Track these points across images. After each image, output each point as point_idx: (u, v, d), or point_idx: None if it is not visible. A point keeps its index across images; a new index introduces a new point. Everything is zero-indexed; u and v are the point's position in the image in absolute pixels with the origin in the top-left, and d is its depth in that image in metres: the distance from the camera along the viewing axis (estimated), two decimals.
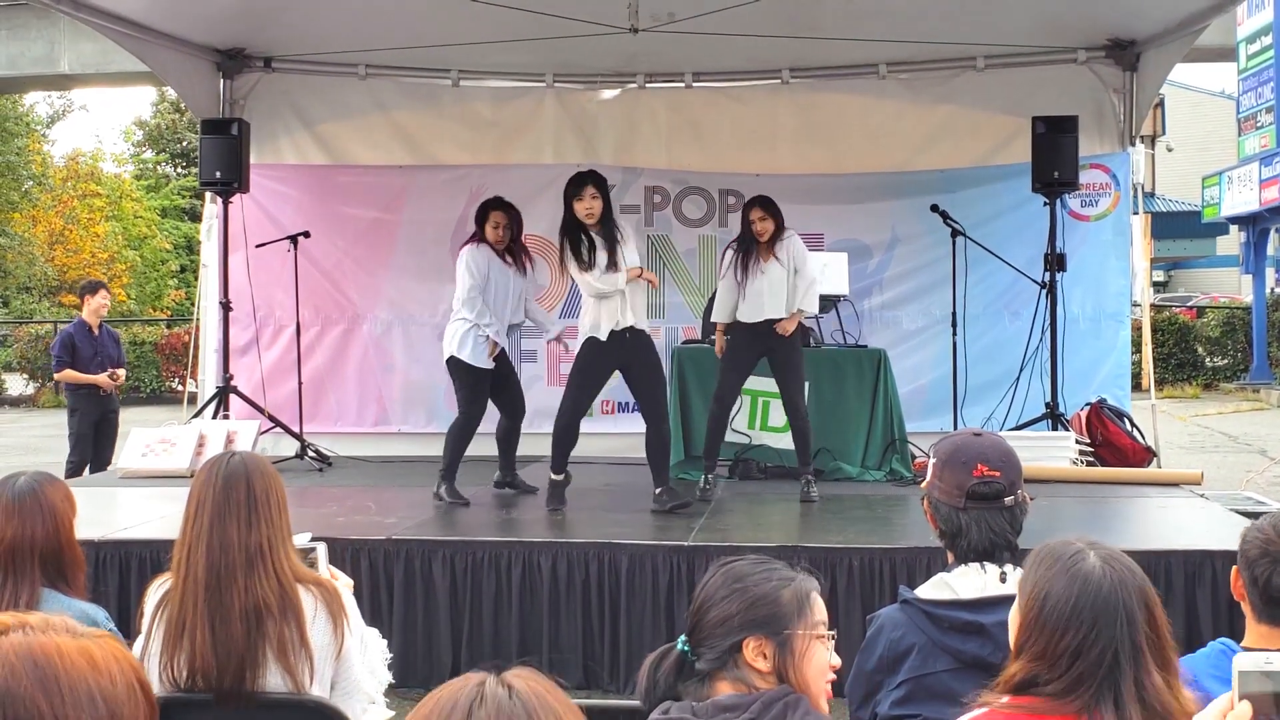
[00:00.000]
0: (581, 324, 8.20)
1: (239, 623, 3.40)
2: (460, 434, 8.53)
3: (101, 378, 11.38)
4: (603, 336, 8.02)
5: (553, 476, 8.11)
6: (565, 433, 8.14)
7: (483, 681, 1.60)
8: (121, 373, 11.59)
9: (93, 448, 11.33)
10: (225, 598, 3.41)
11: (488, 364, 8.57)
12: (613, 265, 7.98)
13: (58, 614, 1.64)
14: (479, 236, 8.77)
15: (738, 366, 8.71)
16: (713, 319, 8.91)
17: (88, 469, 11.08)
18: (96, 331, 11.56)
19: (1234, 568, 3.33)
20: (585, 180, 8.11)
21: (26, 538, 3.74)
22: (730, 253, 8.73)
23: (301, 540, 3.81)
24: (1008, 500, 3.26)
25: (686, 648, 2.69)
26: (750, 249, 8.60)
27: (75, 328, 11.61)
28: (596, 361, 8.11)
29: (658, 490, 8.02)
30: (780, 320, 8.46)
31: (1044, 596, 2.62)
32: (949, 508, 3.30)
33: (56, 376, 11.50)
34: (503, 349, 8.69)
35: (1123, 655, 2.56)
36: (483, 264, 8.63)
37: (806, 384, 8.83)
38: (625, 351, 8.10)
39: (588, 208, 8.01)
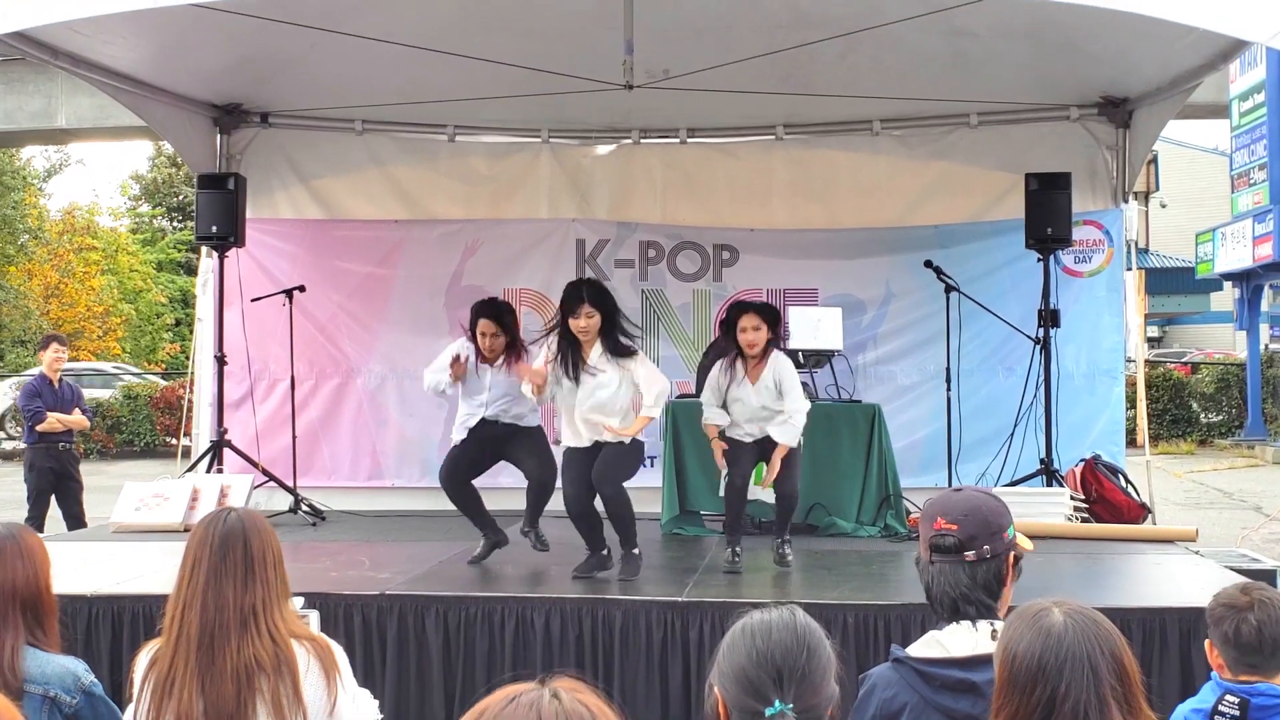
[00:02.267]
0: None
1: (230, 682, 3.38)
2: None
3: (78, 418, 11.48)
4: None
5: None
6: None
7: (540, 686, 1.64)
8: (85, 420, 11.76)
9: (52, 504, 11.35)
10: (217, 658, 3.39)
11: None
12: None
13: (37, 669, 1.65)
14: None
15: (741, 469, 8.12)
16: (705, 421, 8.27)
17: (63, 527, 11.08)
18: (57, 384, 11.59)
19: (1206, 641, 3.45)
20: (578, 295, 7.66)
21: (8, 582, 3.72)
22: (718, 360, 8.25)
23: (294, 605, 3.79)
24: (968, 555, 3.23)
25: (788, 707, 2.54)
26: (735, 360, 8.05)
27: (38, 380, 11.64)
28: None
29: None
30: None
31: (1013, 655, 2.68)
32: (924, 562, 3.31)
33: (42, 427, 11.40)
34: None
35: (1090, 709, 2.58)
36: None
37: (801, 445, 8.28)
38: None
39: (580, 326, 7.57)
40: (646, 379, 7.56)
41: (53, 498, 11.46)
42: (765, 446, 7.96)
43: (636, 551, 7.59)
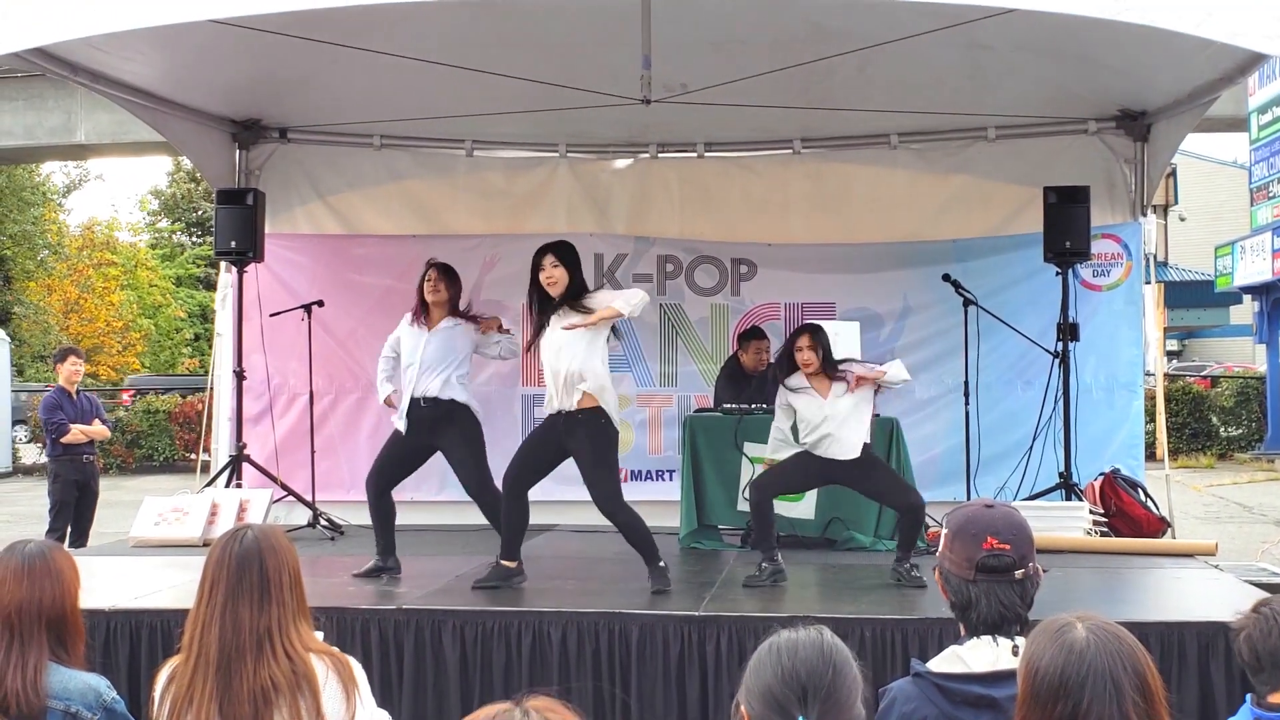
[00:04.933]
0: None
1: (247, 704, 3.39)
2: None
3: (100, 429, 11.54)
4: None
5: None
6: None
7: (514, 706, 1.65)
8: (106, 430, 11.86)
9: (74, 517, 11.38)
10: (234, 680, 3.40)
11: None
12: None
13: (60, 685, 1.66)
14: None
15: (788, 478, 8.29)
16: (769, 455, 8.40)
17: (67, 540, 11.09)
18: (75, 397, 11.64)
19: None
20: (543, 251, 7.86)
21: (35, 602, 3.74)
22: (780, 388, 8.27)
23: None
24: (1018, 573, 3.24)
25: None
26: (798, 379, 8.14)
27: (56, 393, 11.68)
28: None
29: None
30: (845, 460, 7.96)
31: (1035, 670, 2.68)
32: (959, 579, 3.29)
33: (66, 439, 11.45)
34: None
35: None
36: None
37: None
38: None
39: (548, 276, 7.73)
40: (618, 295, 7.70)
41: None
42: (833, 472, 8.06)
43: (663, 565, 7.55)
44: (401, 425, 8.35)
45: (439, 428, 8.30)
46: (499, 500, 8.03)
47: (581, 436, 7.53)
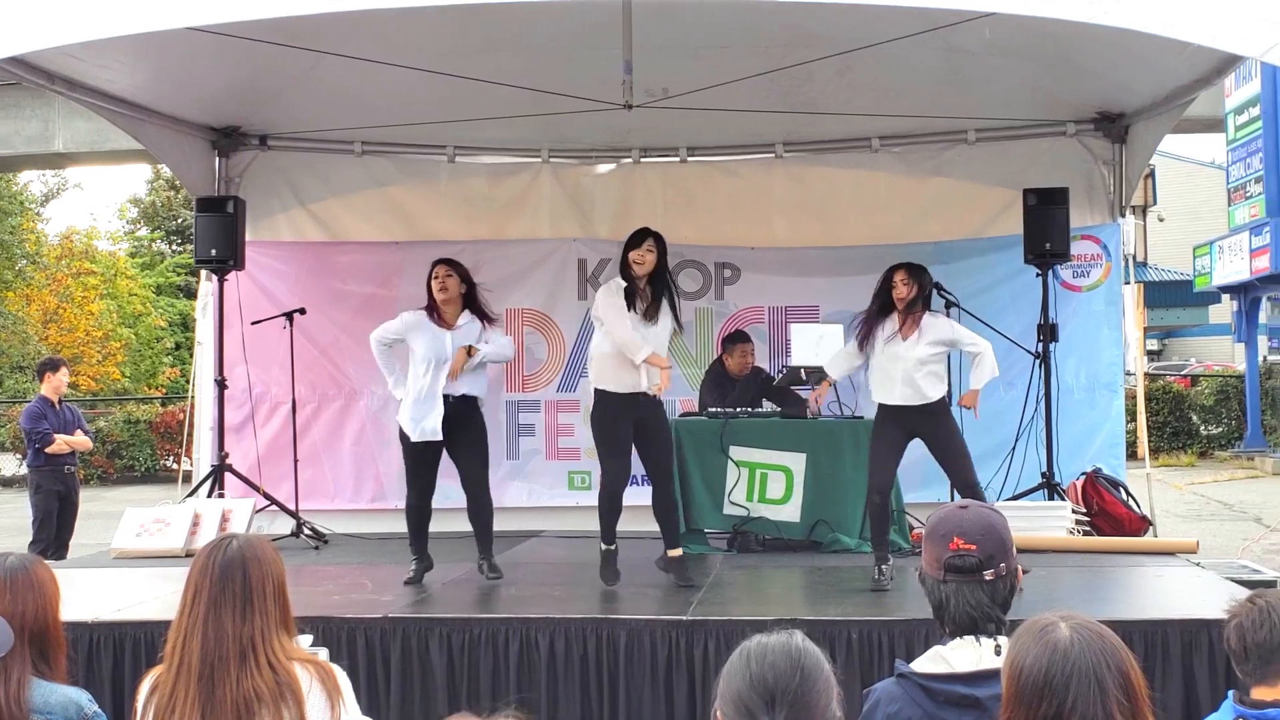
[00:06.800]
0: (595, 376, 8.08)
1: (230, 714, 3.38)
2: None
3: (82, 439, 11.52)
4: (620, 390, 7.93)
5: (603, 547, 7.97)
6: (606, 503, 7.99)
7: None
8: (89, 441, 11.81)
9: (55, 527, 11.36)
10: (217, 689, 3.40)
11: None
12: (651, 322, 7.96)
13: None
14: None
15: (890, 448, 8.20)
16: (825, 366, 8.58)
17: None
18: (58, 407, 11.61)
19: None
20: (645, 234, 8.12)
21: (17, 615, 3.73)
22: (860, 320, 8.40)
23: (304, 642, 3.78)
24: (986, 574, 3.25)
25: None
26: (884, 314, 8.17)
27: (39, 403, 11.65)
28: (615, 420, 7.98)
29: (672, 553, 8.04)
30: (920, 405, 8.02)
31: (1020, 670, 2.70)
32: (932, 580, 3.31)
33: (50, 449, 11.43)
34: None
35: None
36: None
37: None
38: (639, 408, 7.99)
39: (640, 257, 7.99)
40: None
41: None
42: (912, 422, 8.08)
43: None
44: (434, 427, 8.22)
45: (458, 424, 8.27)
46: (490, 502, 8.26)
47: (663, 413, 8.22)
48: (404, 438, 8.34)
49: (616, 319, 7.86)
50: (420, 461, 8.31)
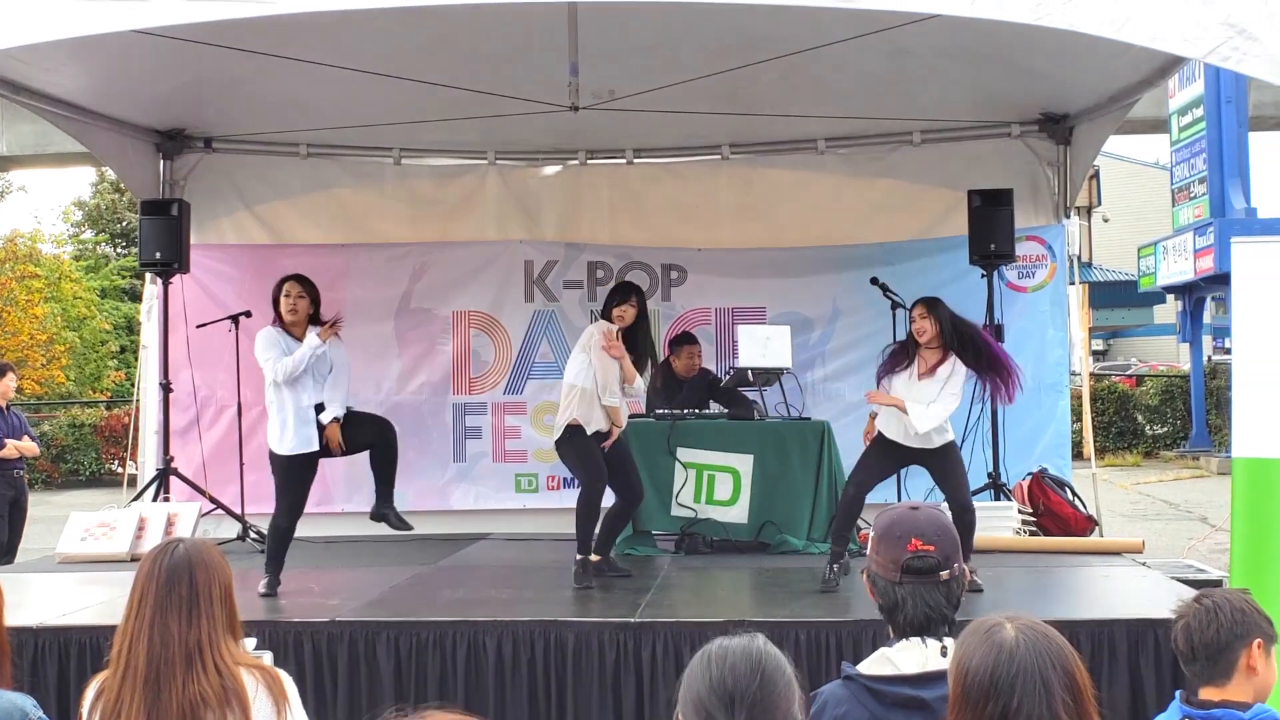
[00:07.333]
0: (563, 415, 8.26)
1: (175, 718, 3.36)
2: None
3: (30, 444, 11.37)
4: (589, 429, 8.19)
5: (577, 557, 8.12)
6: (582, 511, 8.20)
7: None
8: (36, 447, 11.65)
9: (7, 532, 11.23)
10: (163, 693, 3.37)
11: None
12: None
13: None
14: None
15: (880, 469, 8.13)
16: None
17: None
18: (5, 412, 11.49)
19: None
20: (629, 290, 8.49)
21: None
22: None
23: (249, 646, 3.75)
24: (943, 575, 3.27)
25: None
26: (907, 352, 7.99)
27: None
28: (590, 445, 8.21)
29: (595, 559, 8.15)
30: (921, 450, 7.87)
31: (966, 670, 2.71)
32: (886, 581, 3.31)
33: (2, 454, 11.32)
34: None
35: None
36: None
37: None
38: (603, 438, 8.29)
39: (623, 313, 8.31)
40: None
41: None
42: (914, 457, 7.99)
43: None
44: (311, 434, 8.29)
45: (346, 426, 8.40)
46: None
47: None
48: (282, 457, 8.28)
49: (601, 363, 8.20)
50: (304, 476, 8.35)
